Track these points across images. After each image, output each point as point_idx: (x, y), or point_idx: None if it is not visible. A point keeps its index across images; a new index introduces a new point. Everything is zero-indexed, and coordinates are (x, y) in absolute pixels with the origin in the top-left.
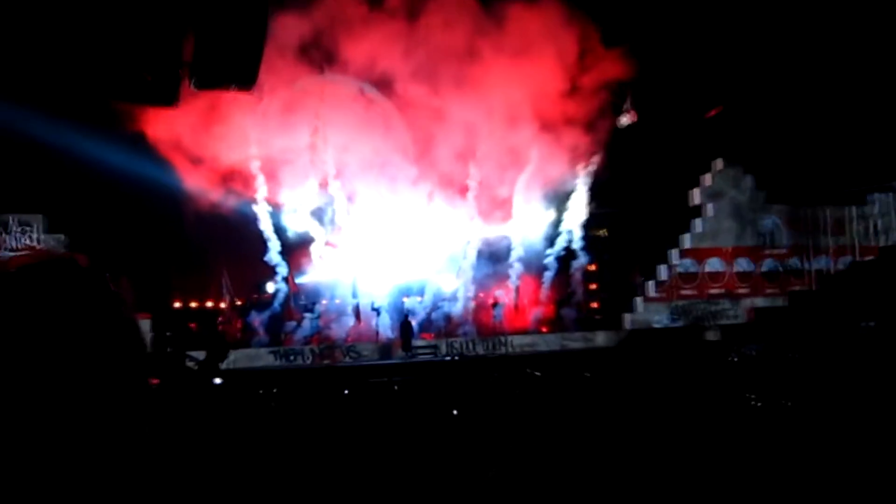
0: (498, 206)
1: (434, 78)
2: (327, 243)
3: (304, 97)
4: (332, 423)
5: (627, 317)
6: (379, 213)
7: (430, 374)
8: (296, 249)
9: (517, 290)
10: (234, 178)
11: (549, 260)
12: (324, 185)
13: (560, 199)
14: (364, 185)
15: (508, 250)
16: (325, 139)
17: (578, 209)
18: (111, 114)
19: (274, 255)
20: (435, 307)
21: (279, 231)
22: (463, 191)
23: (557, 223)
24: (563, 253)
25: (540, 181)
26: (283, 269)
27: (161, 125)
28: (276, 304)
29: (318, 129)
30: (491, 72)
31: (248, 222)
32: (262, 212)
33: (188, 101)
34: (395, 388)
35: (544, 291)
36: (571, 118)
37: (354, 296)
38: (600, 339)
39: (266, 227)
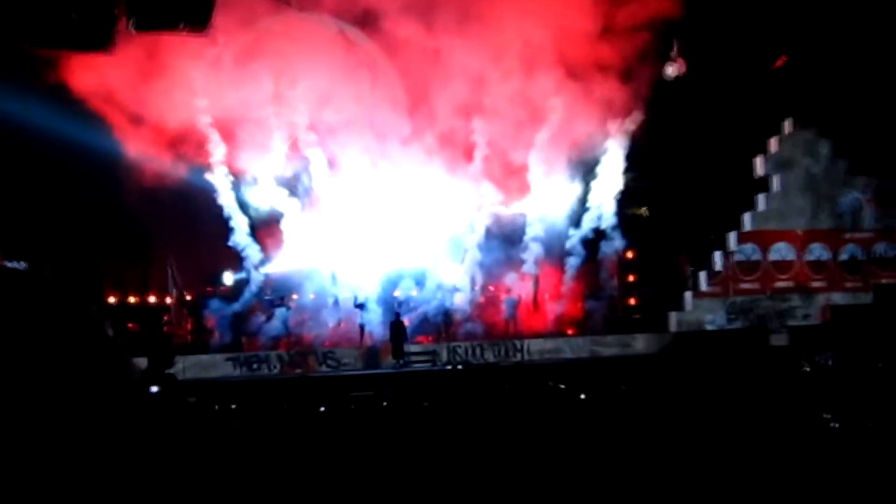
0: (511, 175)
1: (430, 13)
2: (299, 221)
3: (269, 40)
4: (304, 448)
5: (673, 316)
6: (364, 183)
7: (427, 386)
8: (259, 230)
9: (535, 280)
10: (184, 141)
11: (574, 243)
12: (294, 148)
13: (588, 168)
14: (345, 147)
15: (523, 231)
16: (296, 91)
17: (611, 181)
18: (27, 61)
19: (240, 236)
20: (434, 302)
21: (241, 207)
22: (468, 153)
23: (585, 198)
24: (591, 235)
25: (563, 144)
26: (253, 254)
27: (91, 76)
28: (239, 299)
29: (287, 78)
30: (501, 4)
31: (202, 196)
32: (220, 182)
33: (125, 45)
34: (384, 404)
35: (568, 283)
36: (604, 65)
37: (335, 287)
38: (640, 344)
39: (227, 201)
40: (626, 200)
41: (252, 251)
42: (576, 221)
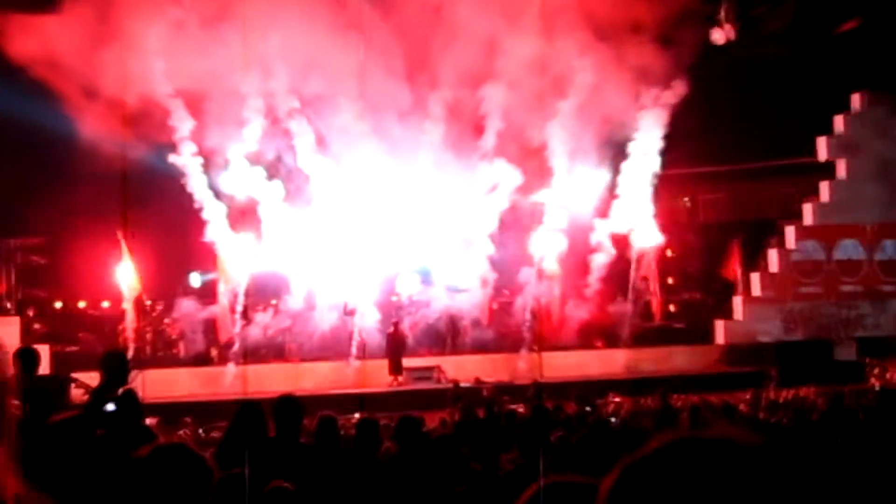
0: (528, 157)
1: None
2: (281, 211)
3: None
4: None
5: (721, 326)
6: (357, 164)
7: (429, 407)
8: (235, 222)
9: (557, 282)
10: (144, 117)
11: (602, 238)
12: (275, 123)
13: (619, 149)
14: (333, 123)
15: (542, 222)
16: (275, 57)
17: (647, 165)
18: None
19: (214, 229)
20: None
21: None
22: (477, 129)
23: (614, 185)
24: (622, 229)
25: (590, 120)
26: (228, 251)
27: (33, 40)
28: (210, 303)
29: (264, 41)
30: None
31: (166, 182)
32: (188, 166)
33: (73, 5)
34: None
35: (594, 285)
36: (640, 25)
37: (321, 290)
38: (680, 359)
39: (197, 187)
40: (664, 188)
41: (226, 247)
42: (603, 212)
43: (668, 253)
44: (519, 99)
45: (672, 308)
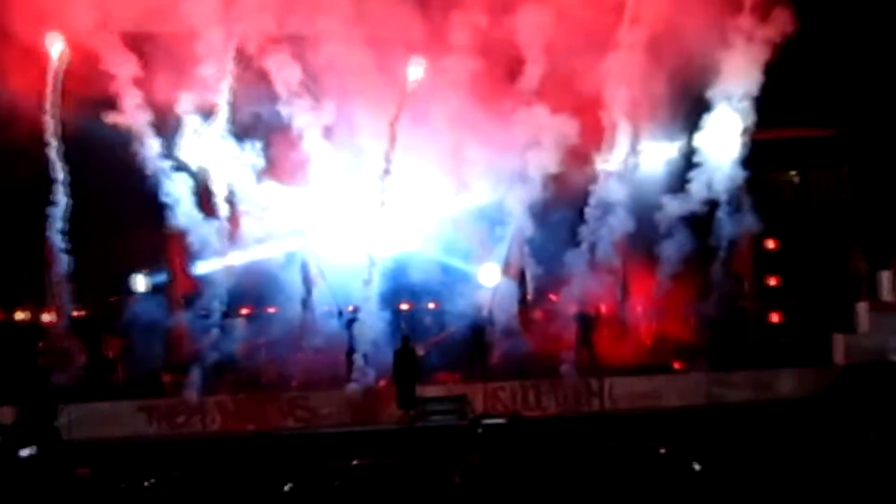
0: (576, 111)
1: None
2: (258, 187)
3: None
4: None
5: (840, 341)
6: (355, 124)
7: (452, 452)
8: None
9: (623, 284)
10: (78, 69)
11: (673, 221)
12: (247, 72)
13: (700, 106)
14: (324, 69)
15: (598, 201)
16: None
17: (737, 127)
18: None
19: (171, 212)
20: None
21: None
22: (513, 68)
23: (690, 153)
24: (700, 209)
25: (660, 65)
26: (198, 237)
27: None
28: (160, 313)
29: None
30: None
31: (107, 154)
32: (134, 126)
33: None
34: (387, 477)
35: (664, 286)
36: None
37: (308, 292)
38: (786, 384)
39: (147, 156)
40: (762, 159)
41: (186, 237)
42: (678, 187)
43: (770, 245)
44: (566, 35)
45: (774, 317)
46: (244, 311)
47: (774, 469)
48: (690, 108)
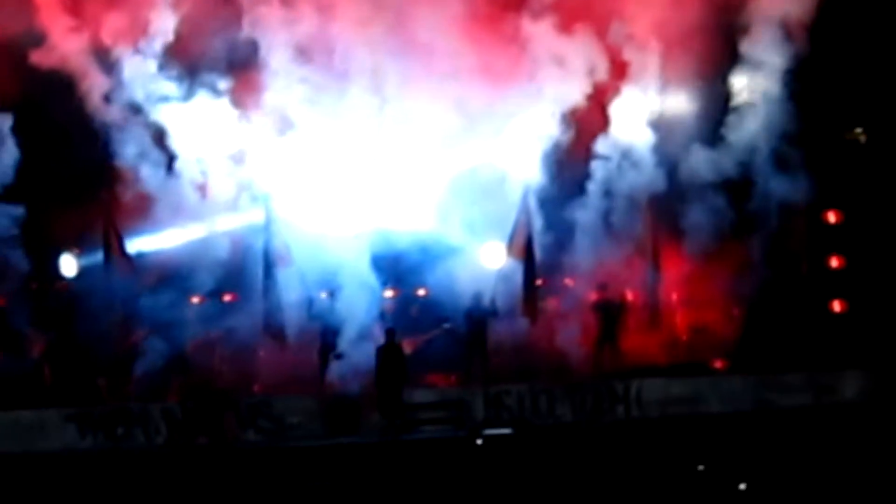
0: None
1: None
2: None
3: None
4: None
5: None
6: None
7: (448, 472)
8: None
9: (654, 266)
10: None
11: (706, 184)
12: None
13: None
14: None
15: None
16: None
17: (780, 71)
18: None
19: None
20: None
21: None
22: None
23: (725, 98)
24: (736, 171)
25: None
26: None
27: None
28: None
29: None
30: None
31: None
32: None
33: None
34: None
35: (696, 265)
36: None
37: (268, 276)
38: (851, 386)
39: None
40: (818, 113)
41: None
42: (713, 139)
43: (830, 218)
44: None
45: (836, 306)
46: (195, 300)
47: (835, 488)
48: (729, 38)
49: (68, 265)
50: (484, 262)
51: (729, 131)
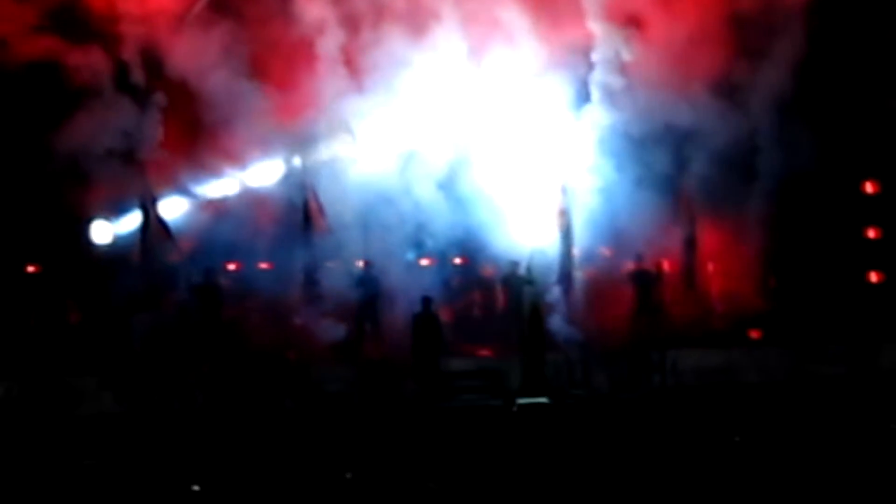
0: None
1: None
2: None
3: None
4: None
5: None
6: None
7: (485, 442)
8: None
9: (691, 238)
10: None
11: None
12: None
13: None
14: None
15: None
16: None
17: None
18: None
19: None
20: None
21: None
22: None
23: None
24: (771, 142)
25: None
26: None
27: None
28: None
29: None
30: None
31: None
32: None
33: None
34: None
35: (742, 239)
36: None
37: (306, 243)
38: (887, 357)
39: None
40: (856, 83)
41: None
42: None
43: (867, 187)
44: None
45: (873, 277)
46: (231, 267)
47: (867, 458)
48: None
49: (101, 231)
50: (523, 227)
51: (762, 101)
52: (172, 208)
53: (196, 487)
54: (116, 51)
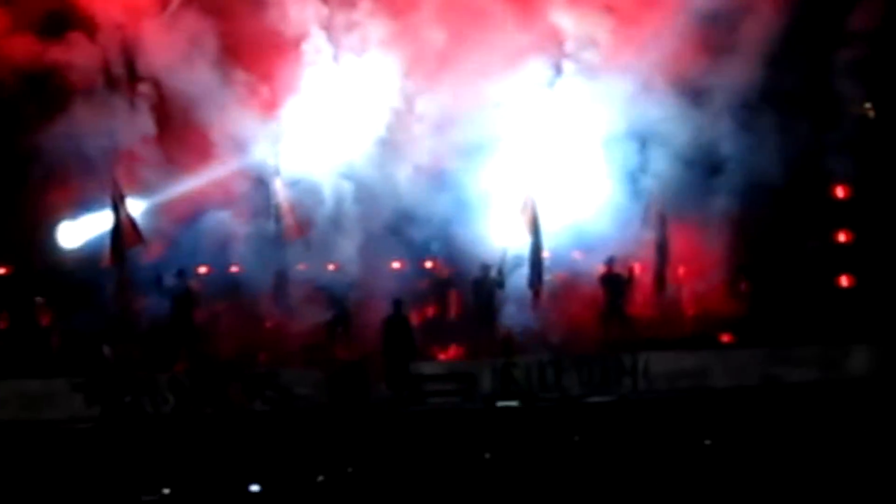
0: None
1: None
2: None
3: None
4: None
5: None
6: None
7: (457, 445)
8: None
9: (661, 241)
10: None
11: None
12: None
13: None
14: None
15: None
16: None
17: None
18: None
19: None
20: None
21: None
22: None
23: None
24: (742, 145)
25: None
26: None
27: None
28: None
29: None
30: None
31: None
32: None
33: None
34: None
35: (712, 241)
36: None
37: (277, 246)
38: (858, 362)
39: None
40: (828, 88)
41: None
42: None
43: (838, 192)
44: None
45: (844, 281)
46: (202, 269)
47: (841, 461)
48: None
49: (69, 234)
50: (496, 230)
51: (730, 102)
52: (143, 209)
53: (166, 490)
54: (91, 49)
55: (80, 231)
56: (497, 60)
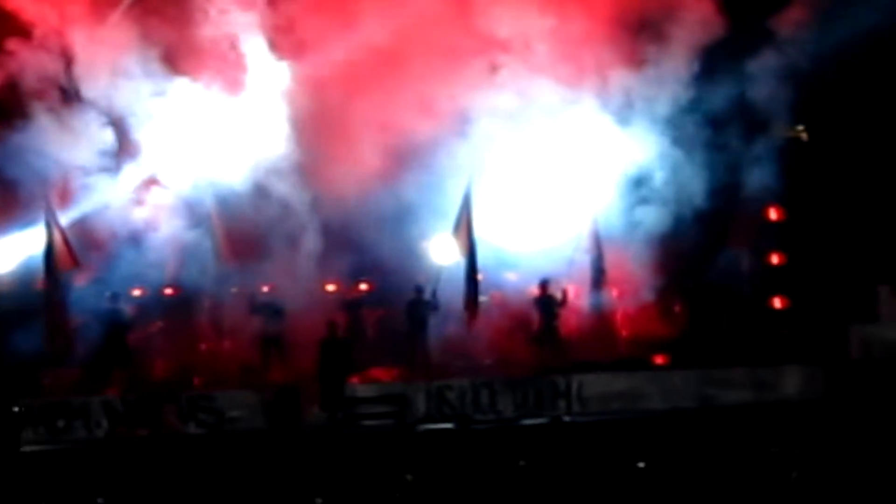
0: None
1: None
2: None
3: None
4: None
5: (857, 332)
6: None
7: (389, 469)
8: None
9: (597, 260)
10: None
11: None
12: None
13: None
14: None
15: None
16: None
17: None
18: None
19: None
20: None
21: None
22: None
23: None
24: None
25: None
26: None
27: None
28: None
29: None
30: None
31: None
32: None
33: None
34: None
35: (644, 264)
36: None
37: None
38: (792, 383)
39: None
40: (763, 111)
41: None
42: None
43: (772, 215)
44: None
45: (777, 303)
46: (136, 292)
47: (776, 483)
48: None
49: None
50: (433, 254)
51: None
52: (78, 229)
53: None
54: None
55: (11, 252)
56: (435, 63)
